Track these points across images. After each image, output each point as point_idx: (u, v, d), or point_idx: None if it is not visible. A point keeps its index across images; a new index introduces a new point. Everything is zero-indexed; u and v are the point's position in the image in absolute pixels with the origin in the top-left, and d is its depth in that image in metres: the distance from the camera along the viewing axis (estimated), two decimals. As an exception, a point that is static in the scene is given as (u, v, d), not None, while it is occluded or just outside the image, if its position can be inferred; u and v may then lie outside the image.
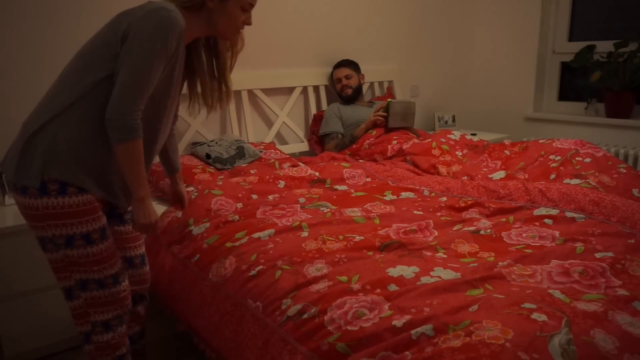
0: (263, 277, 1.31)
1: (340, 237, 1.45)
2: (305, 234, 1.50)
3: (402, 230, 1.50)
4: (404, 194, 1.84)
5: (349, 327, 1.06)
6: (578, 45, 3.22)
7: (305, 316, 1.14)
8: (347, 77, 2.90)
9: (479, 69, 3.77)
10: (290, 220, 1.62)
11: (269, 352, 1.15)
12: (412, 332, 0.99)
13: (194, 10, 1.35)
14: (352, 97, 2.91)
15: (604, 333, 0.95)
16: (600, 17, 3.19)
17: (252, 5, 1.41)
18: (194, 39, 1.43)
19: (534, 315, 0.98)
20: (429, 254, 1.36)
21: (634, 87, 2.96)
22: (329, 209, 1.72)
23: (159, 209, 2.07)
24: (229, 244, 1.50)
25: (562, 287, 1.16)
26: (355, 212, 1.67)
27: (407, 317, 1.04)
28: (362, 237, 1.44)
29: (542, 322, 0.96)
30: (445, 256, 1.36)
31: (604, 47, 3.09)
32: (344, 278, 1.22)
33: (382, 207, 1.73)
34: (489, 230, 1.50)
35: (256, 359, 1.18)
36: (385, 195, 1.85)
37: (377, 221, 1.60)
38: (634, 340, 0.94)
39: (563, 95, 3.46)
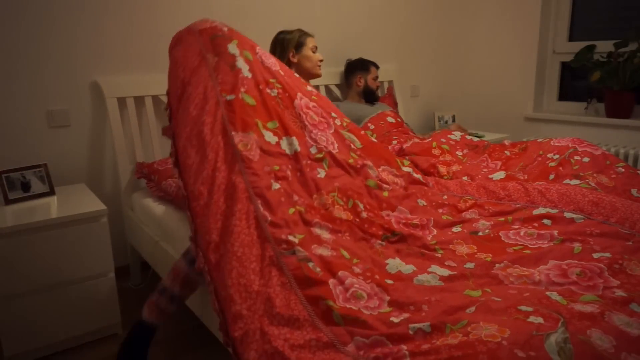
0: (277, 198, 1.31)
1: (350, 202, 1.47)
2: (322, 174, 1.49)
3: (403, 222, 1.51)
4: (415, 175, 1.83)
5: (348, 305, 1.07)
6: (578, 45, 3.22)
7: (310, 264, 1.14)
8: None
9: (479, 69, 3.77)
10: (318, 139, 1.58)
11: (262, 264, 1.15)
12: (410, 326, 0.99)
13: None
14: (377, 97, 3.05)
15: (601, 332, 0.95)
16: (600, 17, 3.19)
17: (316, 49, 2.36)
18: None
19: (531, 319, 0.99)
20: (427, 252, 1.38)
21: (634, 87, 2.96)
22: (354, 153, 1.68)
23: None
24: (260, 123, 1.48)
25: (560, 288, 1.16)
26: (373, 171, 1.66)
27: (405, 315, 1.05)
28: (366, 215, 1.46)
29: (538, 324, 0.97)
30: (443, 253, 1.38)
31: (604, 47, 3.09)
32: (346, 254, 1.24)
33: (395, 179, 1.72)
34: (487, 231, 1.51)
35: (245, 257, 1.17)
36: (404, 164, 1.83)
37: (385, 194, 1.60)
38: (632, 339, 0.94)
39: (563, 95, 3.46)
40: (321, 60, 2.41)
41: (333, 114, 1.74)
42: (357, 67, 2.97)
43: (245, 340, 1.03)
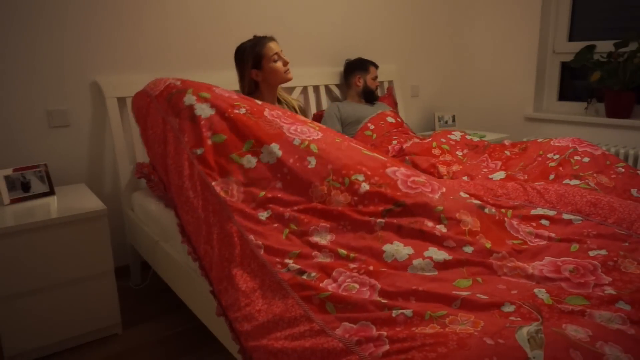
0: (269, 226, 1.37)
1: (347, 181, 1.45)
2: (312, 163, 1.48)
3: (410, 179, 1.49)
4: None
5: (339, 292, 1.15)
6: (578, 45, 3.22)
7: (304, 276, 1.22)
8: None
9: (479, 68, 3.77)
10: (299, 132, 1.58)
11: (259, 287, 1.23)
12: (393, 310, 1.06)
13: (256, 89, 2.16)
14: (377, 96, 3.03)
15: (577, 326, 0.96)
16: (600, 17, 3.19)
17: (279, 56, 2.13)
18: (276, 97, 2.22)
19: (511, 318, 1.01)
20: (430, 224, 1.36)
21: (634, 87, 2.96)
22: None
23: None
24: (235, 157, 1.49)
25: (551, 284, 1.17)
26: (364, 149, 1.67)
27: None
28: (368, 187, 1.44)
29: (514, 320, 1.00)
30: (445, 230, 1.36)
31: (604, 47, 3.09)
32: (343, 252, 1.30)
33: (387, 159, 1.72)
34: (493, 210, 1.49)
35: (245, 286, 1.24)
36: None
37: (384, 159, 1.61)
38: (609, 332, 0.95)
39: (563, 95, 3.46)
40: (287, 63, 2.15)
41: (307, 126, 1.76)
42: (356, 67, 2.97)
43: (254, 350, 1.12)
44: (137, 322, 2.11)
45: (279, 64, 2.13)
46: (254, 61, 2.12)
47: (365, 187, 1.44)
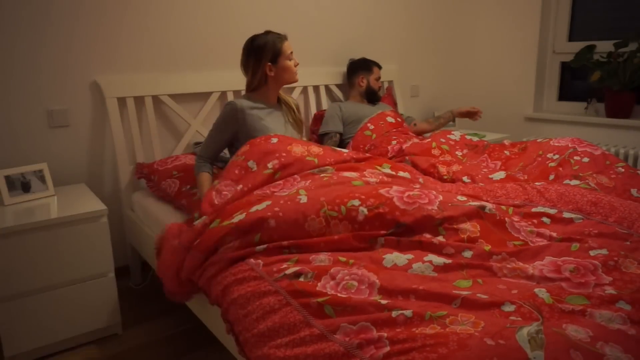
0: (270, 257, 1.36)
1: (343, 209, 1.43)
2: (304, 199, 1.46)
3: (405, 195, 1.48)
4: (402, 174, 1.83)
5: (338, 294, 1.14)
6: (578, 45, 3.22)
7: (301, 278, 1.22)
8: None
9: (479, 69, 3.77)
10: (286, 187, 1.61)
11: (257, 296, 1.23)
12: (393, 311, 1.05)
13: (265, 84, 2.11)
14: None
15: (578, 326, 0.96)
16: (600, 17, 3.19)
17: (292, 55, 2.14)
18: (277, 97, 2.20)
19: (511, 318, 1.01)
20: (428, 236, 1.37)
21: (634, 87, 2.96)
22: (325, 175, 1.68)
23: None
24: (226, 222, 1.48)
25: (551, 284, 1.17)
26: (352, 175, 1.67)
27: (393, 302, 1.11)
28: (366, 211, 1.42)
29: (514, 320, 1.00)
30: (443, 240, 1.36)
31: (604, 47, 3.09)
32: (342, 259, 1.31)
33: (379, 176, 1.71)
34: (494, 210, 1.49)
35: (244, 299, 1.24)
36: (383, 167, 1.83)
37: (374, 181, 1.61)
38: (610, 332, 0.95)
39: (563, 95, 3.46)
40: (297, 65, 2.18)
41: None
42: (359, 67, 2.97)
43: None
44: (137, 322, 2.11)
45: (292, 63, 2.15)
46: (272, 55, 2.11)
47: (363, 211, 1.42)
